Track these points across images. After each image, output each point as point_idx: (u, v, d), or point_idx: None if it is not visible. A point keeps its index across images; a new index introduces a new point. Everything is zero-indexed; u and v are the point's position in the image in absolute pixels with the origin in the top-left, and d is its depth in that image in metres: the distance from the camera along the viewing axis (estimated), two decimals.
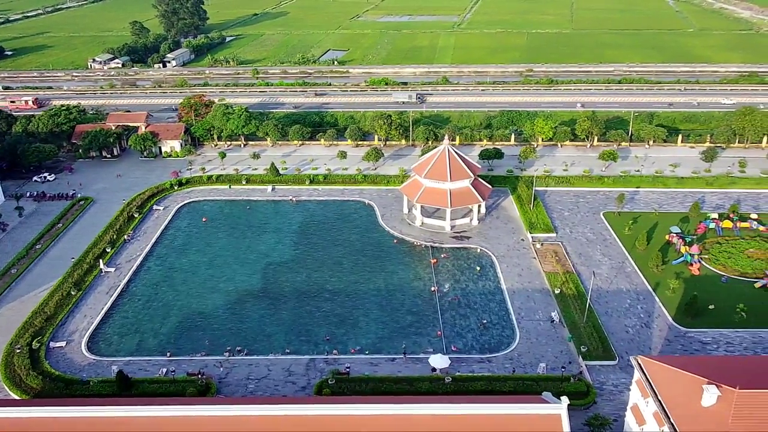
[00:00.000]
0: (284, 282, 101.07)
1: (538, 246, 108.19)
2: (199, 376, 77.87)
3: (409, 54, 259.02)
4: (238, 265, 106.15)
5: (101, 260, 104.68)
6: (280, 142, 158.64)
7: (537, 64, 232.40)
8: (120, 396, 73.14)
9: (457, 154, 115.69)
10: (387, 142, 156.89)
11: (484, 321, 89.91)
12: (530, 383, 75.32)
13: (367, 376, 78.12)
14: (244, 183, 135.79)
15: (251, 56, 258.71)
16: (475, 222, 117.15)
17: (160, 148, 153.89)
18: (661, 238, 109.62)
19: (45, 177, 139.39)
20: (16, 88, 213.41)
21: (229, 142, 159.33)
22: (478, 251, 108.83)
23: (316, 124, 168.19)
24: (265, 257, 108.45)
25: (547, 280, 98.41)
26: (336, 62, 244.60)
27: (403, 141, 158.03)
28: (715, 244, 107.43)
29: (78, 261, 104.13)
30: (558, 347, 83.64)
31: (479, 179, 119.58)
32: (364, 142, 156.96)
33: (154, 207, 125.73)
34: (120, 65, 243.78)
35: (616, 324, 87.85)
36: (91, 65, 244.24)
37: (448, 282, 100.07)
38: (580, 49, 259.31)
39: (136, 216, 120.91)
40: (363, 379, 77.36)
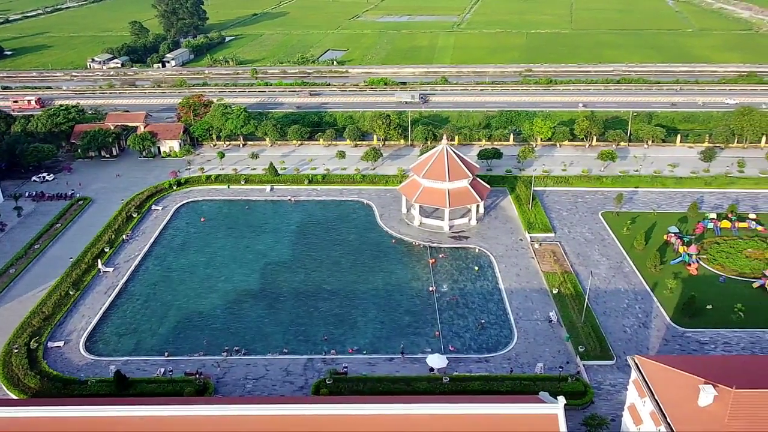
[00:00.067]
0: (282, 282, 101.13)
1: (537, 246, 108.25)
2: (197, 375, 77.91)
3: (409, 54, 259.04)
4: (236, 265, 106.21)
5: (100, 260, 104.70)
6: (278, 142, 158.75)
7: (536, 64, 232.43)
8: (117, 396, 73.14)
9: (456, 154, 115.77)
10: (386, 142, 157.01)
11: (482, 321, 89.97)
12: (528, 383, 75.32)
13: (365, 375, 78.18)
14: (242, 183, 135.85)
15: (250, 56, 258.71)
16: (474, 222, 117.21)
17: (158, 148, 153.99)
18: (659, 238, 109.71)
19: (44, 177, 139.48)
20: (15, 87, 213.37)
21: (227, 142, 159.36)
22: (476, 251, 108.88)
23: (314, 124, 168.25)
24: (264, 257, 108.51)
25: (545, 280, 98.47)
26: (335, 62, 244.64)
27: (401, 141, 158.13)
28: (714, 244, 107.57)
29: (76, 261, 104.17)
30: (556, 347, 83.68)
31: (478, 179, 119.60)
32: (363, 142, 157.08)
33: (153, 207, 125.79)
34: (119, 65, 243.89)
35: (614, 324, 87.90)
36: (90, 65, 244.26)
37: (447, 282, 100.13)
38: (579, 49, 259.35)
39: (134, 216, 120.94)
40: (361, 378, 77.39)
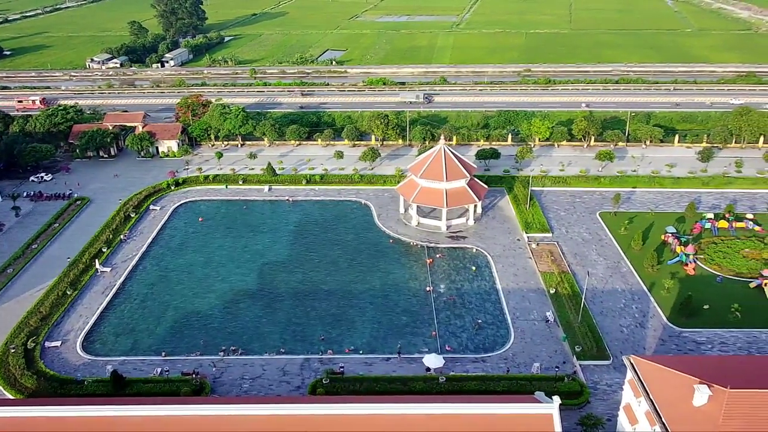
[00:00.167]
0: (280, 282, 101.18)
1: (534, 246, 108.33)
2: (194, 375, 77.97)
3: (408, 54, 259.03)
4: (234, 264, 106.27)
5: (97, 260, 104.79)
6: (277, 142, 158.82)
7: (535, 64, 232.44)
8: (114, 396, 73.16)
9: (453, 154, 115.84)
10: (384, 142, 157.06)
11: (479, 321, 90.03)
12: (524, 383, 75.34)
13: (362, 375, 78.24)
14: (240, 183, 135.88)
15: (249, 56, 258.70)
16: (471, 222, 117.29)
17: (157, 148, 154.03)
18: (656, 238, 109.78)
19: (42, 177, 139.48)
20: (14, 87, 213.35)
21: (226, 142, 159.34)
22: (473, 251, 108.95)
23: (313, 124, 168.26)
24: (261, 257, 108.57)
25: (543, 279, 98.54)
26: (334, 62, 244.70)
27: (400, 141, 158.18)
28: (711, 244, 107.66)
29: (74, 261, 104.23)
30: (552, 347, 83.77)
31: (475, 179, 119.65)
32: (361, 142, 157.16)
33: (151, 207, 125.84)
34: (118, 65, 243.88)
35: (611, 324, 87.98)
36: (89, 65, 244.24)
37: (444, 282, 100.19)
38: (578, 49, 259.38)
39: (132, 216, 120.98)
40: (357, 378, 77.46)
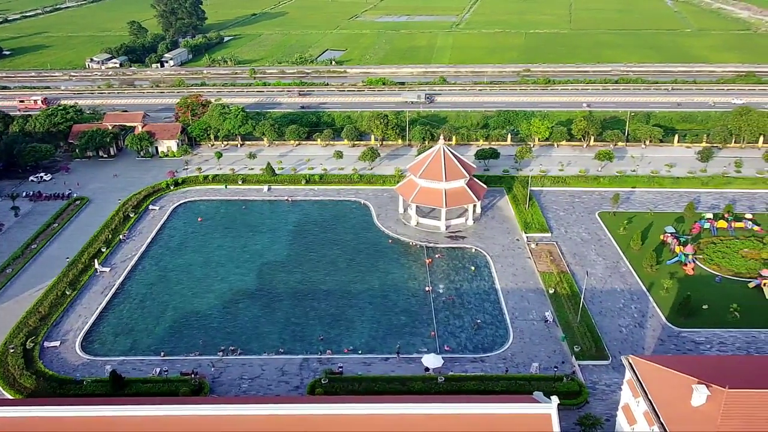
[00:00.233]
0: (279, 282, 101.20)
1: (533, 246, 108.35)
2: (192, 375, 77.98)
3: (407, 54, 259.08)
4: (233, 264, 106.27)
5: (96, 260, 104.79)
6: (276, 142, 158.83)
7: (534, 64, 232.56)
8: (113, 396, 73.17)
9: (453, 154, 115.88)
10: (383, 142, 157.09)
11: (478, 321, 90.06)
12: (523, 383, 75.39)
13: (360, 375, 78.26)
14: (240, 183, 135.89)
15: (249, 56, 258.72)
16: (471, 222, 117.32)
17: (156, 148, 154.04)
18: (655, 238, 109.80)
19: (41, 177, 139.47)
20: (14, 87, 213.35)
21: (225, 142, 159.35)
22: (473, 251, 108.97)
23: (312, 124, 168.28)
24: (261, 257, 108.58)
25: (542, 279, 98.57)
26: (333, 62, 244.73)
27: (399, 141, 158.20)
28: (710, 244, 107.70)
29: (73, 261, 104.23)
30: (551, 347, 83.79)
31: (474, 179, 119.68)
32: (361, 142, 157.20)
33: (150, 207, 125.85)
34: (118, 65, 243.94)
35: (610, 324, 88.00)
36: (89, 65, 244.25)
37: (443, 282, 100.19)
38: (577, 49, 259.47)
39: (131, 216, 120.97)
40: (356, 378, 77.47)
